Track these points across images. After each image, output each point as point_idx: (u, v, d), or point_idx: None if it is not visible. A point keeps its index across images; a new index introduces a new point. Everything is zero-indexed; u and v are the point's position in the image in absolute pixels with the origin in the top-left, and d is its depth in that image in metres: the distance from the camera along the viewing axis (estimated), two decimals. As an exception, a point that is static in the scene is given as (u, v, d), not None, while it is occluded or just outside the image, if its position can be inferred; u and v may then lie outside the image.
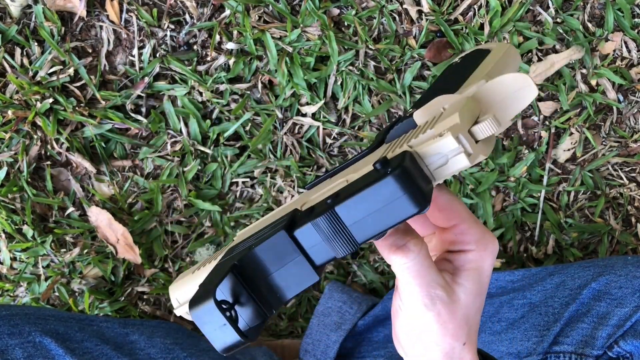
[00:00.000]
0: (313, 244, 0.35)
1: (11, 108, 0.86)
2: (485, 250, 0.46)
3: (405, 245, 0.40)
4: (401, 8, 0.90)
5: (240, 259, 0.36)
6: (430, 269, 0.42)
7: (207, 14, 0.89)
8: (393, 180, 0.33)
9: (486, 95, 0.39)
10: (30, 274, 0.91)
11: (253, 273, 0.35)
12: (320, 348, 0.82)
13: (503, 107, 0.39)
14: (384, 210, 0.34)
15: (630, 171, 0.95)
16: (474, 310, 0.45)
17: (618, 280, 0.71)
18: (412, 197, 0.33)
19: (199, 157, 0.90)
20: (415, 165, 0.35)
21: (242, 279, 0.35)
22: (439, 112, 0.38)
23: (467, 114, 0.36)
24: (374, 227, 0.34)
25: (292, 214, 0.38)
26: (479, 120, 0.36)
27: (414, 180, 0.34)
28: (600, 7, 0.92)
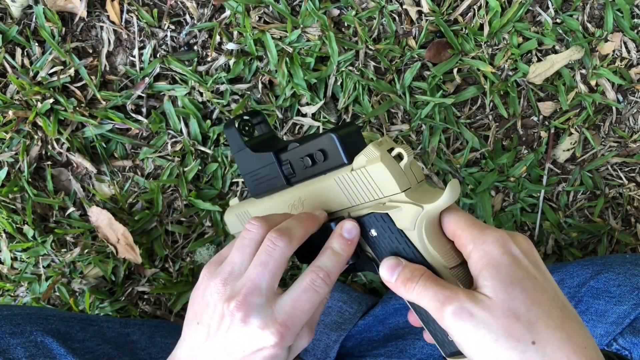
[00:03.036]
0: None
1: (12, 108, 0.87)
2: (484, 243, 0.46)
3: (411, 277, 0.47)
4: (401, 9, 0.91)
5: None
6: (438, 282, 0.46)
7: (207, 15, 0.89)
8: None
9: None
10: (30, 274, 0.91)
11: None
12: (321, 347, 0.82)
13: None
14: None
15: (630, 171, 0.95)
16: (520, 304, 0.43)
17: (617, 278, 0.72)
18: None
19: (200, 157, 0.90)
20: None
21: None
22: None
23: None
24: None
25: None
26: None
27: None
28: (600, 7, 0.93)
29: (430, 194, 0.48)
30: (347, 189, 0.52)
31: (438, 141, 0.91)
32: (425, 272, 0.48)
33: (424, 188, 0.49)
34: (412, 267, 0.48)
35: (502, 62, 0.91)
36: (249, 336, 0.48)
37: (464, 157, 0.91)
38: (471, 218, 0.48)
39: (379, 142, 0.49)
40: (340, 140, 0.50)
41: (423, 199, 0.47)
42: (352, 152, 0.50)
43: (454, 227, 0.48)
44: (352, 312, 0.84)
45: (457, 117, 0.92)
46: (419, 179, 0.49)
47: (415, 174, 0.49)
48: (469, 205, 0.92)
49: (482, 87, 0.91)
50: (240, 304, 0.48)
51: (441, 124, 0.91)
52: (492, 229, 0.46)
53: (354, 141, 0.51)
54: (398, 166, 0.48)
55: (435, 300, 0.45)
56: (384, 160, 0.48)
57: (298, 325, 0.49)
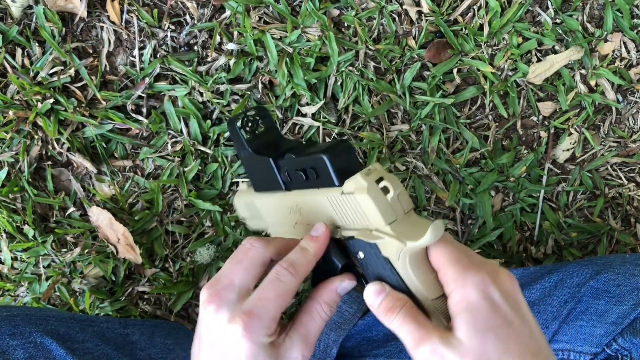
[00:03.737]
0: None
1: (12, 108, 0.87)
2: (464, 287, 0.46)
3: (392, 307, 0.48)
4: (401, 9, 0.91)
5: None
6: (416, 318, 0.47)
7: (207, 15, 0.89)
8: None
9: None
10: (31, 274, 0.91)
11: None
12: (321, 347, 0.82)
13: None
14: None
15: (629, 171, 0.95)
16: (492, 351, 0.44)
17: (616, 278, 0.72)
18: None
19: (200, 157, 0.90)
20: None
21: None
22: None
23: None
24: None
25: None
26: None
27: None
28: (599, 7, 0.93)
29: (416, 227, 0.48)
30: (338, 209, 0.52)
31: (438, 141, 0.91)
32: (406, 305, 0.49)
33: (411, 220, 0.49)
34: (394, 296, 0.50)
35: (502, 62, 0.91)
36: (224, 329, 0.49)
37: (463, 157, 0.91)
38: (456, 253, 0.48)
39: (367, 171, 0.49)
40: (332, 162, 0.50)
41: (407, 234, 0.47)
42: (343, 174, 0.50)
43: (438, 262, 0.48)
44: (352, 312, 0.84)
45: (457, 117, 0.92)
46: (406, 210, 0.49)
47: (402, 204, 0.49)
48: (469, 205, 0.92)
49: (481, 87, 0.92)
50: (212, 297, 0.50)
51: (441, 124, 0.91)
52: (475, 270, 0.46)
53: (346, 162, 0.51)
54: (385, 198, 0.48)
55: (411, 337, 0.47)
56: (370, 193, 0.47)
57: (264, 316, 0.49)
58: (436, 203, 0.93)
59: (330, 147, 0.51)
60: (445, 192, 0.92)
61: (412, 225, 0.48)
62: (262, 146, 0.59)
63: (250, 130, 0.60)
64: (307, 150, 0.54)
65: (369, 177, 0.48)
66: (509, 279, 0.48)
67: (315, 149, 0.53)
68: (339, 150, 0.51)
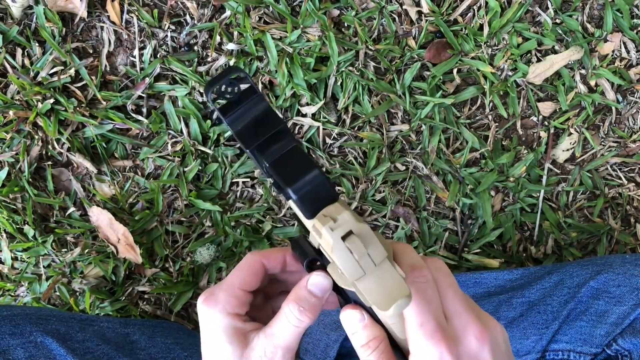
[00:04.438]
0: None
1: (12, 108, 0.87)
2: (421, 358, 0.45)
3: (365, 344, 0.48)
4: (401, 9, 0.91)
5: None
6: (387, 358, 0.47)
7: (207, 15, 0.90)
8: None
9: None
10: (31, 274, 0.91)
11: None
12: (321, 347, 0.82)
13: None
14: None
15: (629, 171, 0.95)
16: None
17: (616, 278, 0.72)
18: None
19: (200, 157, 0.90)
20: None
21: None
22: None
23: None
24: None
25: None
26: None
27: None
28: (599, 7, 0.93)
29: (386, 284, 0.45)
30: (312, 232, 0.49)
31: (438, 141, 0.91)
32: (380, 344, 0.48)
33: (382, 271, 0.46)
34: (371, 331, 0.48)
35: (502, 62, 0.91)
36: (198, 310, 0.51)
37: (463, 157, 0.91)
38: (422, 314, 0.46)
39: (333, 225, 0.45)
40: (301, 199, 0.46)
41: (373, 294, 0.45)
42: (316, 206, 0.46)
43: (404, 315, 0.47)
44: (352, 312, 0.84)
45: (456, 117, 0.92)
46: (377, 262, 0.46)
47: (373, 258, 0.45)
48: (469, 205, 0.93)
49: (481, 87, 0.92)
50: (204, 293, 0.51)
51: (441, 124, 0.91)
52: (436, 341, 0.45)
53: (318, 193, 0.46)
54: (351, 257, 0.44)
55: None
56: (334, 252, 0.44)
57: (219, 286, 0.50)
58: (436, 203, 0.93)
59: (299, 175, 0.46)
60: (445, 192, 0.92)
61: (381, 282, 0.45)
62: (245, 124, 0.50)
63: (231, 96, 0.50)
64: (283, 161, 0.48)
65: (335, 232, 0.44)
66: (476, 341, 0.46)
67: (287, 168, 0.48)
68: (309, 180, 0.46)
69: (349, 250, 0.44)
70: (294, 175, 0.46)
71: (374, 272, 0.45)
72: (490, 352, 0.46)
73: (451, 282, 0.48)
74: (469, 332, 0.46)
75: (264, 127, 0.49)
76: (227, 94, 0.50)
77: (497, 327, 0.48)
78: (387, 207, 0.91)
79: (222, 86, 0.49)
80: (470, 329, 0.46)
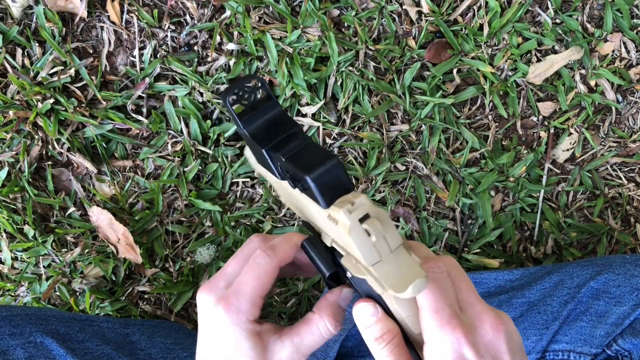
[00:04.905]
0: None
1: (12, 108, 0.87)
2: (438, 343, 0.45)
3: (379, 337, 0.48)
4: (401, 9, 0.91)
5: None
6: (402, 355, 0.47)
7: (207, 15, 0.90)
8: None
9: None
10: (31, 274, 0.91)
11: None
12: (321, 347, 0.82)
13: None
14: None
15: (629, 171, 0.95)
16: None
17: (616, 279, 0.72)
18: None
19: (200, 157, 0.90)
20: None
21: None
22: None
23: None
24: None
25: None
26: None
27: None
28: (599, 7, 0.93)
29: (401, 272, 0.45)
30: (325, 225, 0.50)
31: (438, 141, 0.91)
32: (394, 339, 0.47)
33: (398, 258, 0.46)
34: (385, 324, 0.48)
35: (502, 62, 0.92)
36: (210, 312, 0.51)
37: (463, 157, 0.91)
38: (439, 301, 0.46)
39: (351, 207, 0.45)
40: (317, 185, 0.46)
41: (390, 279, 0.45)
42: (331, 195, 0.47)
43: (420, 304, 0.47)
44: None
45: (456, 117, 0.92)
46: (393, 248, 0.46)
47: (389, 243, 0.46)
48: (469, 205, 0.93)
49: (481, 87, 0.92)
50: (205, 286, 0.51)
51: (441, 124, 0.91)
52: (452, 327, 0.45)
53: (335, 181, 0.47)
54: (368, 240, 0.45)
55: None
56: (352, 234, 0.45)
57: (242, 297, 0.50)
58: (436, 203, 0.93)
59: (316, 163, 0.47)
60: (445, 192, 0.92)
61: (397, 266, 0.46)
62: (260, 128, 0.52)
63: (248, 102, 0.53)
64: (299, 154, 0.50)
65: (353, 214, 0.45)
66: (491, 329, 0.46)
67: (303, 159, 0.49)
68: (327, 169, 0.47)
69: (366, 232, 0.45)
70: (312, 164, 0.47)
71: (390, 258, 0.46)
72: (506, 342, 0.46)
73: (464, 276, 0.49)
74: (484, 321, 0.46)
75: (278, 129, 0.51)
76: (244, 100, 0.52)
77: (511, 321, 0.48)
78: (387, 207, 0.91)
79: (239, 92, 0.51)
80: (486, 319, 0.46)
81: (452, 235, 0.93)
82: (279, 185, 0.57)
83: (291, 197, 0.55)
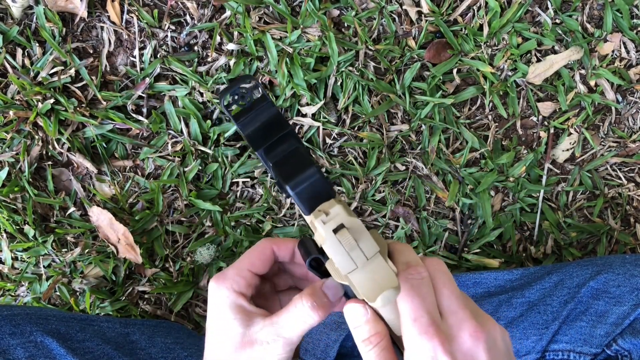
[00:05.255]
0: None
1: (12, 108, 0.87)
2: (415, 352, 0.45)
3: (367, 339, 0.48)
4: (401, 9, 0.91)
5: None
6: (387, 358, 0.47)
7: (207, 15, 0.90)
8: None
9: None
10: (31, 274, 0.91)
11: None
12: (321, 347, 0.82)
13: None
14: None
15: (629, 171, 0.95)
16: None
17: (616, 278, 0.72)
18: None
19: (200, 157, 0.90)
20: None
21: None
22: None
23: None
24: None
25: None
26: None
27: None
28: (599, 8, 0.93)
29: (377, 277, 0.46)
30: (312, 229, 0.51)
31: (438, 141, 0.91)
32: (382, 341, 0.48)
33: (375, 266, 0.47)
34: (373, 326, 0.48)
35: (502, 62, 0.92)
36: (209, 289, 0.52)
37: (463, 157, 0.91)
38: (417, 309, 0.46)
39: (325, 218, 0.46)
40: (298, 196, 0.47)
41: (366, 286, 0.46)
42: (313, 202, 0.48)
43: (400, 311, 0.47)
44: (352, 312, 0.84)
45: (456, 117, 0.92)
46: (369, 256, 0.47)
47: (365, 251, 0.46)
48: (469, 205, 0.93)
49: (481, 87, 0.92)
50: (216, 274, 0.53)
51: (441, 124, 0.91)
52: (429, 336, 0.45)
53: (315, 189, 0.48)
54: (342, 249, 0.46)
55: None
56: (326, 245, 0.46)
57: (230, 267, 0.52)
58: (436, 203, 0.93)
59: (295, 173, 0.48)
60: (445, 192, 0.92)
61: (372, 275, 0.46)
62: (255, 128, 0.54)
63: (245, 103, 0.54)
64: (285, 162, 0.51)
65: (327, 225, 0.46)
66: (470, 338, 0.46)
67: (287, 168, 0.50)
68: (304, 177, 0.48)
69: (339, 242, 0.46)
70: (293, 173, 0.48)
71: (365, 266, 0.46)
72: (486, 350, 0.46)
73: (448, 281, 0.48)
74: (463, 330, 0.46)
75: (272, 130, 0.52)
76: (240, 100, 0.53)
77: (496, 327, 0.47)
78: (387, 207, 0.91)
79: (235, 94, 0.53)
80: (465, 327, 0.46)
81: (452, 235, 0.93)
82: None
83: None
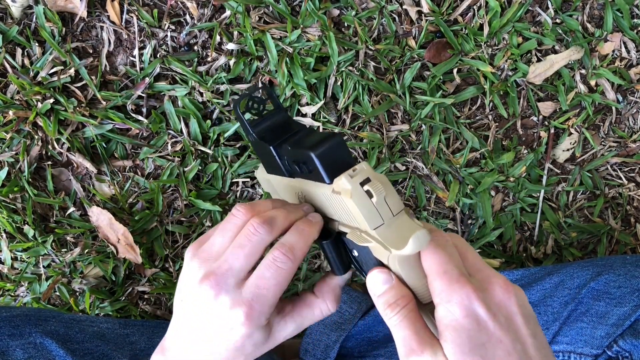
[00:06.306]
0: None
1: (12, 108, 0.87)
2: (448, 302, 0.44)
3: (393, 303, 0.47)
4: (401, 9, 0.91)
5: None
6: (415, 323, 0.46)
7: (207, 15, 0.89)
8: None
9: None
10: (31, 274, 0.91)
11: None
12: (321, 348, 0.82)
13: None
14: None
15: (629, 171, 0.95)
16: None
17: (617, 279, 0.72)
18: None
19: (200, 157, 0.90)
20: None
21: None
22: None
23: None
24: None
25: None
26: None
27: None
28: (599, 7, 0.93)
29: (403, 233, 0.46)
30: (331, 205, 0.51)
31: (438, 141, 0.91)
32: (407, 305, 0.47)
33: (400, 223, 0.47)
34: (399, 290, 0.48)
35: (502, 62, 0.91)
36: (219, 316, 0.49)
37: (463, 157, 0.91)
38: (445, 262, 0.46)
39: (352, 172, 0.47)
40: (320, 160, 0.48)
41: (393, 240, 0.46)
42: (334, 170, 0.48)
43: (427, 269, 0.47)
44: (352, 312, 0.84)
45: (456, 117, 0.92)
46: (395, 212, 0.47)
47: (391, 207, 0.47)
48: (469, 205, 0.93)
49: (481, 87, 0.92)
50: (212, 284, 0.49)
51: (441, 124, 0.91)
52: (461, 284, 0.44)
53: (337, 158, 0.49)
54: (370, 202, 0.46)
55: (403, 344, 0.46)
56: (354, 197, 0.46)
57: (265, 304, 0.49)
58: (436, 203, 0.93)
59: (320, 142, 0.49)
60: (445, 192, 0.92)
61: (399, 229, 0.46)
62: (267, 130, 0.56)
63: (257, 111, 0.57)
64: (303, 140, 0.52)
65: (354, 179, 0.46)
66: (501, 290, 0.45)
67: (307, 142, 0.51)
68: (329, 146, 0.49)
69: (367, 194, 0.46)
70: (316, 143, 0.49)
71: (392, 222, 0.47)
72: (517, 305, 0.45)
73: (470, 247, 0.49)
74: (493, 283, 0.46)
75: (284, 131, 0.55)
76: (253, 108, 0.56)
77: (523, 293, 0.47)
78: (387, 207, 0.91)
79: (250, 102, 0.56)
80: (495, 281, 0.46)
81: (452, 235, 0.93)
82: (289, 191, 0.58)
83: (302, 198, 0.57)
